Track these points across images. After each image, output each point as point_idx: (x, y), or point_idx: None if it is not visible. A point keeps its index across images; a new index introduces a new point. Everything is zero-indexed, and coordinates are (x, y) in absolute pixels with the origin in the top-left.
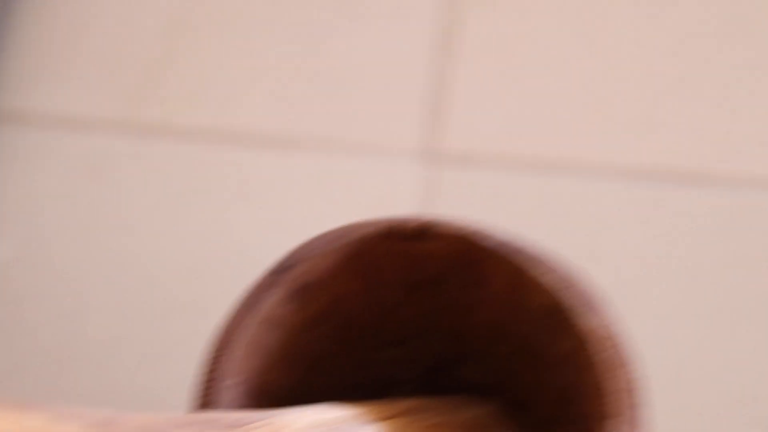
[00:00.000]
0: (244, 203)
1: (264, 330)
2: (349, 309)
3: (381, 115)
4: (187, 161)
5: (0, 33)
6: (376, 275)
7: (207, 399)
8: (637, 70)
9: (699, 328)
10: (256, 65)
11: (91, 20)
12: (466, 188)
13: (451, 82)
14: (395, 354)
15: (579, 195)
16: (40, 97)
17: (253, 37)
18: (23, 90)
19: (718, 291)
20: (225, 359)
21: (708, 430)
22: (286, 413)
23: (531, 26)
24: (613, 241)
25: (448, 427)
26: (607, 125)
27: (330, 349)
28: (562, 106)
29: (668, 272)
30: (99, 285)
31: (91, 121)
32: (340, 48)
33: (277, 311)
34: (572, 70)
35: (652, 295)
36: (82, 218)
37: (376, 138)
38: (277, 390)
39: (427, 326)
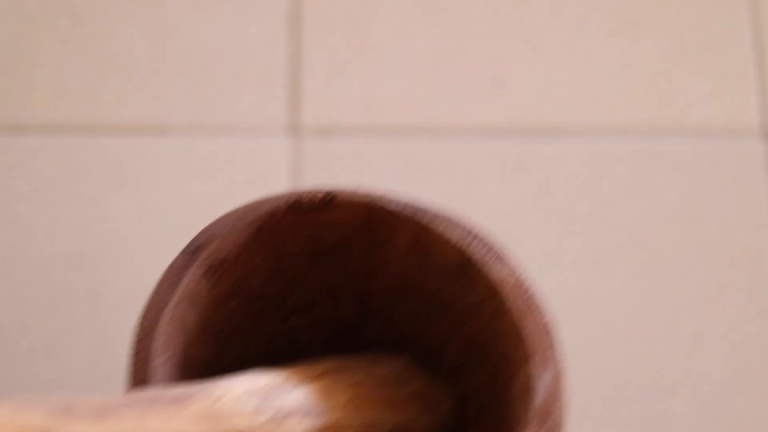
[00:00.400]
0: (120, 190)
1: (184, 307)
2: (255, 283)
3: (245, 94)
4: (57, 155)
5: None
6: (279, 248)
7: (141, 377)
8: (483, 32)
9: (578, 271)
10: (113, 56)
11: None
12: (336, 158)
13: (308, 57)
14: (302, 321)
15: (443, 156)
16: None
17: (106, 29)
18: None
19: (591, 234)
20: (154, 337)
21: (600, 361)
22: (221, 384)
23: None
24: (482, 198)
25: (368, 384)
26: (461, 88)
27: (242, 322)
28: (417, 72)
29: (539, 221)
30: None
31: None
32: (195, 32)
33: (194, 289)
34: (421, 38)
35: (529, 244)
36: None
37: (243, 118)
38: (199, 364)
39: (332, 291)
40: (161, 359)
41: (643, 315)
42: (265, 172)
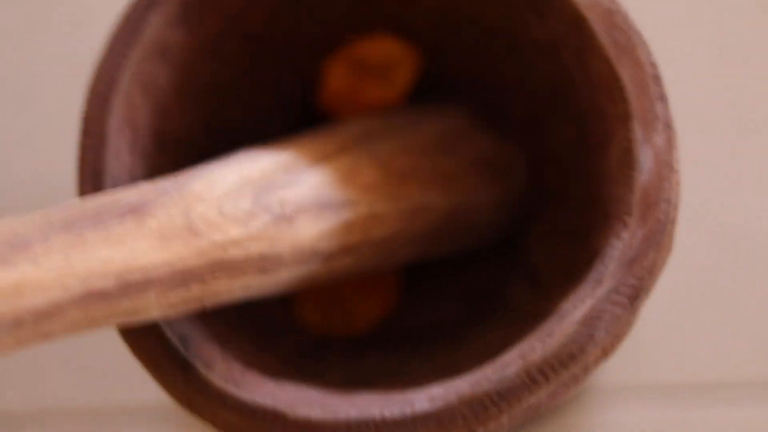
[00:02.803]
0: None
1: (151, 65)
2: (254, 19)
3: None
4: None
5: None
6: None
7: (94, 168)
8: None
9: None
10: None
11: None
12: None
13: None
14: (320, 65)
15: None
16: None
17: None
18: None
19: None
20: (111, 109)
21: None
22: (199, 175)
23: None
24: None
25: (414, 152)
26: None
27: (235, 76)
28: None
29: None
30: None
31: None
32: None
33: (164, 37)
34: None
35: None
36: None
37: None
38: (179, 140)
39: (360, 26)
40: (122, 139)
41: None
42: None
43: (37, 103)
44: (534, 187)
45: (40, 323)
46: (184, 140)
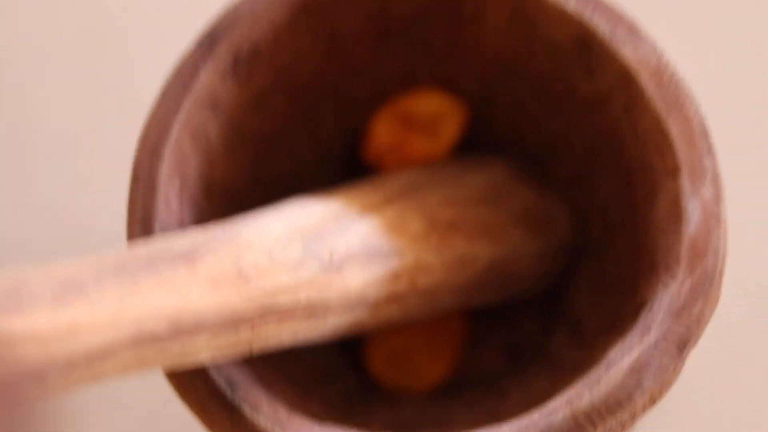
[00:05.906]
0: None
1: (202, 116)
2: (304, 73)
3: None
4: None
5: None
6: (334, 29)
7: (145, 213)
8: None
9: (732, 53)
10: None
11: None
12: None
13: None
14: (369, 117)
15: None
16: None
17: None
18: None
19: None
20: (162, 156)
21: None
22: (248, 224)
23: None
24: None
25: (459, 203)
26: None
27: (284, 128)
28: None
29: None
30: None
31: None
32: None
33: (215, 90)
34: None
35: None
36: None
37: None
38: (225, 190)
39: (404, 78)
40: (172, 187)
41: None
42: None
43: (89, 150)
44: (577, 239)
45: (92, 365)
46: (231, 189)
